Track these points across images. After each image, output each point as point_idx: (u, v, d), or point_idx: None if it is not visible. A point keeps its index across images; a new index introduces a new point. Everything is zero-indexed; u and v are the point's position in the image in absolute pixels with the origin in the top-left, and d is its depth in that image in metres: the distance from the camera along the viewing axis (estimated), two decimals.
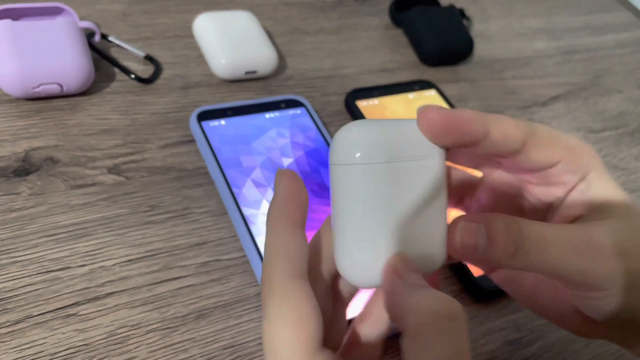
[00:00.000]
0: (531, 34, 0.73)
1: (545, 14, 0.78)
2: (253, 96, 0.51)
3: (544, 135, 0.25)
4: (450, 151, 0.25)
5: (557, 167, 0.26)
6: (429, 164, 0.24)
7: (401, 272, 0.22)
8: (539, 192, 0.28)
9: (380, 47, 0.62)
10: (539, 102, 0.62)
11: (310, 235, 0.25)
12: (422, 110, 0.24)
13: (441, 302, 0.20)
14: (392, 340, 0.38)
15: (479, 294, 0.41)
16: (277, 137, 0.46)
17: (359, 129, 0.23)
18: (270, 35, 0.58)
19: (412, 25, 0.62)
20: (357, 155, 0.22)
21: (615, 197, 0.26)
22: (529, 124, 0.25)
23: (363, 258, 0.23)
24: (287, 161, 0.45)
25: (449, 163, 0.27)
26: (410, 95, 0.55)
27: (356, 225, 0.23)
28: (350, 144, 0.23)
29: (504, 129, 0.24)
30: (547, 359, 0.40)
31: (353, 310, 0.29)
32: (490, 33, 0.70)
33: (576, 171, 0.26)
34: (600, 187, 0.26)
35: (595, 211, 0.26)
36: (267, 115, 0.48)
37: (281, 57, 0.56)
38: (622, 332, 0.26)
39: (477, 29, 0.70)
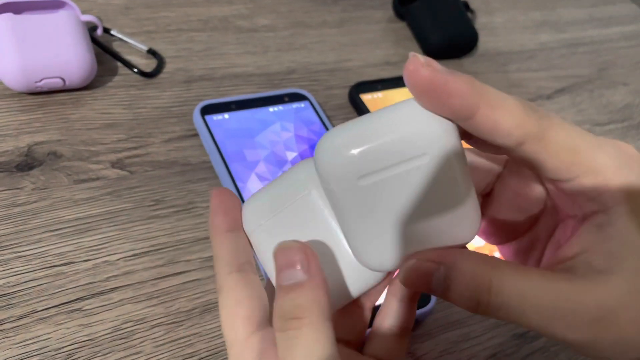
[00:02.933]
0: (535, 27, 0.73)
1: (550, 6, 0.78)
2: (256, 90, 0.51)
3: (558, 140, 0.21)
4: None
5: (572, 184, 0.22)
6: (431, 158, 0.21)
7: (276, 271, 0.22)
8: (557, 200, 0.24)
9: (383, 40, 0.62)
10: (544, 95, 0.62)
11: None
12: (411, 60, 0.20)
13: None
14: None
15: None
16: (281, 130, 0.46)
17: (346, 136, 0.21)
18: (274, 29, 0.58)
19: (416, 18, 0.62)
20: (354, 172, 0.21)
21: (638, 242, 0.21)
22: (539, 121, 0.21)
23: (377, 247, 0.22)
24: (291, 155, 0.44)
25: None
26: None
27: (367, 227, 0.22)
28: (343, 162, 0.21)
29: (496, 117, 0.20)
30: (554, 352, 0.39)
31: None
32: (495, 26, 0.70)
33: (595, 199, 0.21)
34: (627, 228, 0.21)
35: (606, 256, 0.21)
36: (271, 109, 0.47)
37: (284, 51, 0.56)
38: None
39: (481, 22, 0.69)
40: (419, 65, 0.20)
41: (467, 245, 0.24)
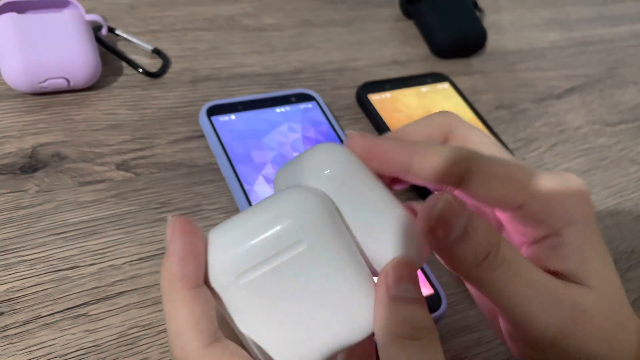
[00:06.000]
0: (544, 25, 0.72)
1: (558, 4, 0.77)
2: (263, 90, 0.50)
3: (494, 171, 0.23)
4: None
5: (520, 211, 0.23)
6: (307, 245, 0.20)
7: (390, 282, 0.21)
8: (511, 228, 0.25)
9: (391, 39, 0.61)
10: (553, 94, 0.61)
11: None
12: (348, 136, 0.23)
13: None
14: None
15: None
16: (289, 131, 0.45)
17: (225, 238, 0.21)
18: (280, 28, 0.57)
19: (424, 16, 0.61)
20: (232, 273, 0.20)
21: (595, 262, 0.23)
22: (474, 156, 0.22)
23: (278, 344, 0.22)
24: None
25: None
26: (423, 88, 0.53)
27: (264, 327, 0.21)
28: (222, 266, 0.21)
29: (430, 162, 0.22)
30: None
31: None
32: (503, 24, 0.69)
33: (543, 222, 0.23)
34: (579, 247, 0.23)
35: (569, 274, 0.23)
36: (278, 109, 0.47)
37: (291, 50, 0.55)
38: None
39: (489, 20, 0.69)
40: (353, 138, 0.23)
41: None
